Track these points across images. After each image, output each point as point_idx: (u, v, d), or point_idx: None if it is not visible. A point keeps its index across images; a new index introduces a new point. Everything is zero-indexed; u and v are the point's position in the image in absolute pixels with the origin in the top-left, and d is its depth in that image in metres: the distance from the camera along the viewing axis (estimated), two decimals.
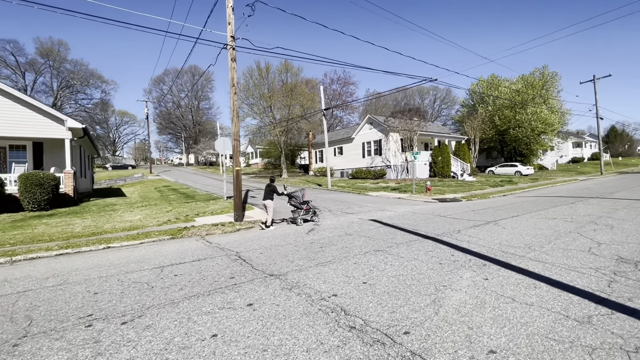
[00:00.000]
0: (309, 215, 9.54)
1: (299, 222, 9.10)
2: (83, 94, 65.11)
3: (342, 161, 35.37)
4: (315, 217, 9.67)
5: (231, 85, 10.19)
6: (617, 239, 5.70)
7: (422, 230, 7.33)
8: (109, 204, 15.11)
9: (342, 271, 4.44)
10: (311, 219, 9.56)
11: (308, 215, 9.51)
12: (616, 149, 56.63)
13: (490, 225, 7.57)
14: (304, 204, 9.49)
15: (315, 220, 9.53)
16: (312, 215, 9.60)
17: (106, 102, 70.33)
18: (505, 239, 6.09)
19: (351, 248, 5.82)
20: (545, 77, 34.90)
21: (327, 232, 7.57)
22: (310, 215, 9.56)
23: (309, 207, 9.59)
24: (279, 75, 35.91)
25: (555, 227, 7.03)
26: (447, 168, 27.68)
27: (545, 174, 32.81)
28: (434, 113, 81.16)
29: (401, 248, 5.64)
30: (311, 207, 9.71)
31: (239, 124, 10.29)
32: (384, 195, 18.18)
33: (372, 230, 7.52)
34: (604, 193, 13.98)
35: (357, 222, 8.93)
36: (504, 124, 35.30)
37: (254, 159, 61.91)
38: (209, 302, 3.46)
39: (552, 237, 6.08)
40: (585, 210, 9.22)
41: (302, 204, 9.42)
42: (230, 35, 10.17)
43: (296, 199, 9.44)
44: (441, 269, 4.36)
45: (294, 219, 9.27)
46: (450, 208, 11.56)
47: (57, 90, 59.78)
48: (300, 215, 9.22)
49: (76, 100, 65.05)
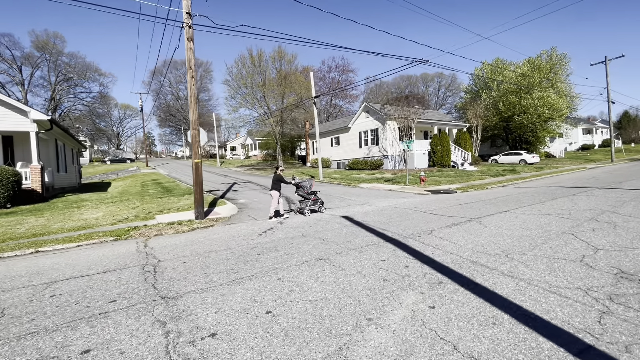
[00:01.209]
0: (317, 205, 9.41)
1: (307, 212, 8.96)
2: (81, 88, 64.48)
3: (339, 151, 34.19)
4: (323, 208, 9.50)
5: (188, 67, 9.13)
6: (620, 243, 4.59)
7: (390, 230, 6.30)
8: (80, 199, 14.35)
9: (255, 291, 3.47)
10: (319, 210, 9.43)
11: (316, 205, 9.40)
12: (629, 135, 54.12)
13: (472, 223, 6.49)
14: (312, 194, 9.33)
15: (322, 211, 9.38)
16: (319, 205, 9.45)
17: (105, 95, 69.72)
18: (482, 242, 5.02)
19: (292, 255, 4.83)
20: (554, 60, 32.88)
21: (283, 233, 6.59)
22: (318, 205, 9.42)
23: (317, 197, 9.45)
24: (272, 63, 34.56)
25: (547, 225, 5.92)
26: (447, 157, 26.35)
27: (552, 163, 31.21)
28: (438, 101, 78.84)
29: (350, 256, 4.63)
30: (319, 197, 9.55)
31: (197, 111, 9.27)
32: (375, 187, 17.09)
33: (334, 231, 6.51)
34: (611, 183, 12.68)
35: (325, 220, 7.92)
36: (509, 110, 33.54)
37: (253, 150, 61.01)
38: (39, 344, 2.52)
39: (540, 239, 4.99)
40: (587, 204, 8.04)
41: (309, 194, 9.28)
42: (186, 11, 9.07)
43: (304, 189, 9.29)
44: (381, 289, 3.34)
45: (302, 209, 9.11)
46: (438, 201, 10.47)
47: (55, 84, 59.25)
48: (307, 206, 9.11)
49: (75, 94, 64.53)
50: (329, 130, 35.60)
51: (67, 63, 59.37)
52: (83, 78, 61.86)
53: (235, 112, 36.08)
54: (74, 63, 60.51)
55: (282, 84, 33.21)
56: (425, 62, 14.58)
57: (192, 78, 9.14)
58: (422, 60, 14.62)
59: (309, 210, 9.10)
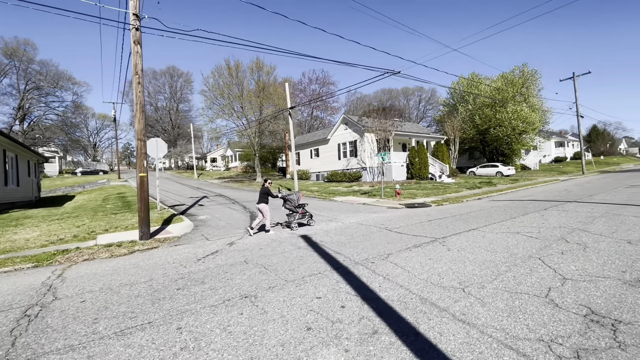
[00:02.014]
0: (305, 219, 9.01)
1: (294, 226, 8.62)
2: (54, 97, 61.79)
3: (318, 163, 33.64)
4: (311, 221, 9.09)
5: (134, 73, 8.33)
6: (590, 270, 4.06)
7: (345, 253, 5.60)
8: (25, 216, 13.00)
9: (137, 349, 2.65)
10: (307, 223, 9.03)
11: (304, 219, 8.99)
12: (598, 148, 56.43)
13: (435, 245, 5.88)
14: (300, 207, 8.97)
15: (311, 224, 9.01)
16: (308, 219, 9.05)
17: (79, 105, 67.10)
18: (440, 270, 4.38)
19: (216, 290, 4.03)
20: (526, 75, 33.91)
21: (224, 258, 5.77)
22: (306, 219, 9.02)
23: (305, 210, 9.07)
24: (250, 74, 34.01)
25: (514, 247, 5.38)
26: (425, 169, 26.21)
27: (527, 174, 31.71)
28: (419, 114, 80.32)
29: (283, 291, 3.88)
30: (307, 210, 9.17)
31: (143, 121, 8.42)
32: (349, 200, 16.48)
33: (283, 255, 5.75)
34: (582, 196, 12.55)
35: (281, 240, 7.15)
36: (485, 123, 34.13)
37: (233, 162, 59.73)
38: None
39: (504, 266, 4.41)
40: (558, 220, 7.63)
41: (297, 208, 8.91)
42: (133, 12, 8.33)
43: (291, 202, 8.93)
44: (297, 345, 2.60)
45: (289, 223, 8.75)
46: (408, 217, 9.91)
47: (24, 93, 56.54)
48: (295, 219, 8.75)
49: (46, 103, 61.71)
50: (309, 142, 35.11)
51: (38, 71, 57.01)
52: (55, 87, 59.37)
53: (212, 123, 35.14)
54: (46, 71, 58.19)
55: (260, 95, 32.64)
56: (397, 73, 14.32)
57: (138, 84, 8.33)
58: (394, 72, 14.35)
59: (296, 224, 8.72)
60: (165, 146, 13.22)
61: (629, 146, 77.23)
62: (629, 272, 3.93)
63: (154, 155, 12.81)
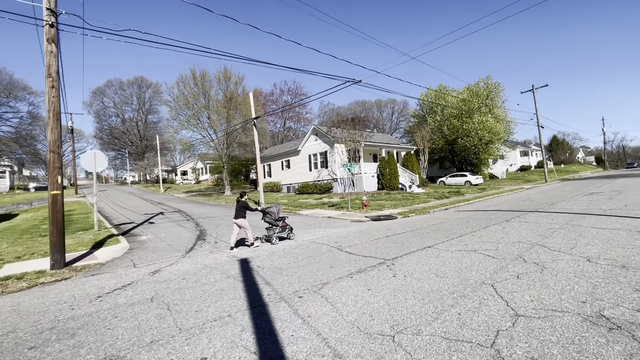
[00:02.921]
0: (285, 232, 8.69)
1: (274, 240, 8.26)
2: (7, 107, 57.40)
3: (289, 175, 32.74)
4: (292, 234, 8.80)
5: (47, 75, 7.19)
6: (547, 301, 3.42)
7: (276, 282, 4.73)
8: None
9: None
10: (288, 237, 8.72)
11: (284, 232, 8.67)
12: (559, 156, 59.45)
13: (382, 268, 5.14)
14: (280, 220, 8.61)
15: (292, 238, 8.74)
16: (288, 232, 8.73)
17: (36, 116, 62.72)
18: (376, 306, 3.61)
19: (78, 350, 3.01)
20: (490, 87, 35.10)
21: (130, 295, 4.71)
22: (286, 232, 8.70)
23: (285, 224, 8.75)
24: (217, 84, 32.91)
25: (468, 269, 4.73)
26: (395, 180, 25.98)
27: (495, 183, 32.39)
28: (392, 126, 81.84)
29: (167, 348, 2.93)
30: (287, 224, 8.86)
31: (57, 130, 7.24)
32: (315, 213, 15.65)
33: (203, 287, 4.78)
34: (544, 205, 12.44)
35: (213, 267, 6.16)
36: (453, 134, 34.80)
37: (204, 175, 57.58)
38: None
39: (451, 298, 3.71)
40: (518, 234, 7.17)
41: (277, 221, 8.54)
42: (47, 7, 7.25)
43: (271, 215, 8.56)
44: None
45: (269, 237, 8.41)
46: (368, 232, 9.21)
47: None
48: (275, 233, 8.40)
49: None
50: (280, 153, 34.24)
51: None
52: (8, 96, 55.22)
53: (177, 134, 33.52)
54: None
55: (228, 105, 31.57)
56: (358, 82, 13.89)
57: (52, 88, 7.19)
58: (355, 81, 13.92)
59: (276, 238, 8.36)
60: (106, 159, 11.89)
61: (585, 155, 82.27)
62: (589, 302, 3.33)
63: (92, 170, 11.45)
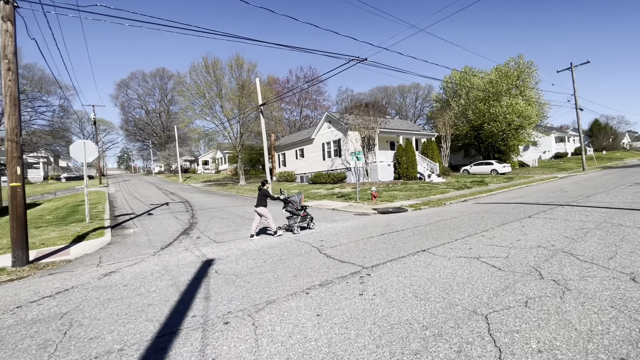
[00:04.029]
0: (306, 222, 8.54)
1: (296, 230, 8.10)
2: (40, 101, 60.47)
3: (303, 164, 31.86)
4: (312, 224, 8.68)
5: (2, 56, 6.62)
6: (563, 356, 2.27)
7: (218, 297, 3.88)
8: None
9: None
10: (309, 226, 8.61)
11: (305, 221, 8.50)
12: (600, 142, 54.22)
13: (352, 281, 4.11)
14: (302, 209, 8.42)
15: (312, 227, 8.63)
16: (309, 221, 8.59)
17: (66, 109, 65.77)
18: (309, 347, 2.62)
19: None
20: (521, 67, 31.93)
21: (50, 305, 4.05)
22: (307, 221, 8.55)
23: (306, 213, 8.56)
24: (230, 72, 32.28)
25: (460, 288, 3.60)
26: (413, 169, 24.34)
27: (524, 172, 29.76)
28: (416, 112, 78.28)
29: None
30: (308, 213, 8.67)
31: (15, 117, 6.69)
32: (320, 205, 14.72)
33: (131, 300, 4.04)
34: (578, 197, 10.70)
35: (169, 270, 5.41)
36: (478, 119, 32.21)
37: (223, 164, 58.07)
38: None
39: (420, 338, 2.65)
40: (539, 235, 5.83)
41: (299, 210, 8.37)
42: None
43: (293, 205, 8.37)
44: None
45: (290, 226, 8.26)
46: (364, 228, 8.17)
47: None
48: (296, 223, 8.23)
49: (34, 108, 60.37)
50: (294, 142, 33.38)
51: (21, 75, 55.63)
52: (39, 91, 58.03)
53: (191, 124, 33.48)
54: (31, 75, 56.82)
55: (241, 93, 30.93)
56: (364, 60, 12.54)
57: (8, 71, 6.62)
58: (360, 59, 12.58)
59: (298, 227, 8.20)
60: (96, 149, 11.52)
61: (632, 140, 74.89)
62: (635, 357, 2.14)
63: (82, 160, 11.09)
